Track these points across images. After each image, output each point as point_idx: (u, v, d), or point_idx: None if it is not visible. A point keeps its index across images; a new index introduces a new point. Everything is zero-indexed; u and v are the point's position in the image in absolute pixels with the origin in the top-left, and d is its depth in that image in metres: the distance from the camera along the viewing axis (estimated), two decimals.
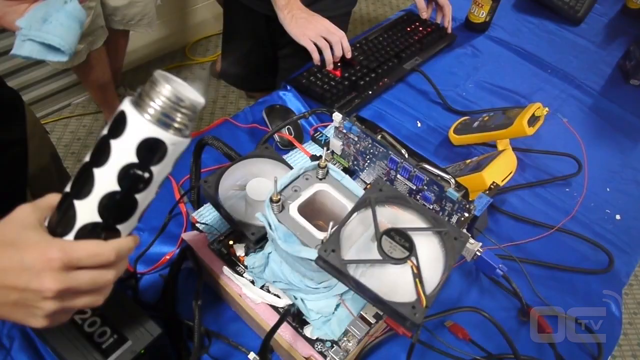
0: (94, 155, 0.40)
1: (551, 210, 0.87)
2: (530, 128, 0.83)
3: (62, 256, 0.39)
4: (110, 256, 0.41)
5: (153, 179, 0.41)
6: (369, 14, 2.71)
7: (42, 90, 1.83)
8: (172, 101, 0.38)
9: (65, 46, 0.57)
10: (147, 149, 0.39)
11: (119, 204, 0.41)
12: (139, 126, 0.39)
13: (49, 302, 0.39)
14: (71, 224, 0.41)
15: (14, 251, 0.39)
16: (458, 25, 1.27)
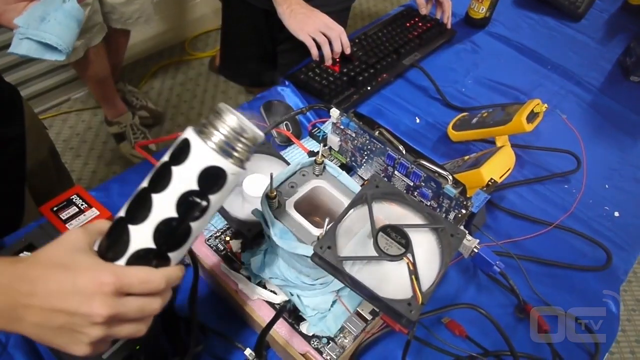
0: (153, 181, 0.41)
1: (549, 207, 0.87)
2: (529, 124, 0.82)
3: (114, 281, 0.38)
4: (160, 284, 0.41)
5: (209, 208, 0.41)
6: (369, 9, 2.69)
7: (41, 85, 1.83)
8: (236, 132, 0.39)
9: (63, 45, 0.57)
10: (209, 177, 0.40)
11: (175, 231, 0.41)
12: (203, 154, 0.39)
13: (96, 328, 0.38)
14: (124, 249, 0.40)
15: (66, 274, 0.38)
16: (458, 20, 1.26)
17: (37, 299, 0.37)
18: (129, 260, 0.41)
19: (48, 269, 0.39)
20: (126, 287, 0.39)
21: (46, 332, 0.38)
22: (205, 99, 2.11)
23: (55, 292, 0.38)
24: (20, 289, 0.38)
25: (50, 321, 0.38)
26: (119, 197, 0.79)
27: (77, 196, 0.75)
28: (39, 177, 0.96)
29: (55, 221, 0.72)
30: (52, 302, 0.37)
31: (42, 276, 0.38)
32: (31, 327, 0.38)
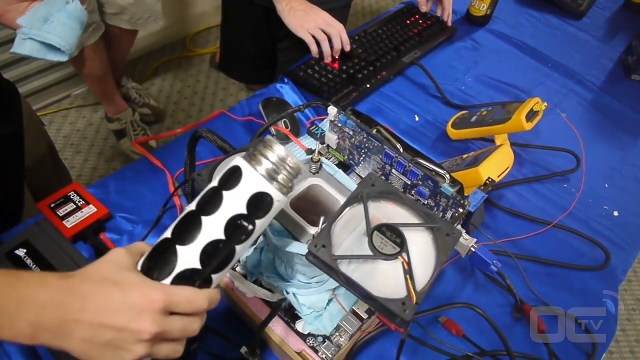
0: (204, 204, 0.43)
1: (548, 206, 0.86)
2: (528, 123, 0.82)
3: (163, 298, 0.39)
4: (204, 304, 0.42)
5: (254, 232, 0.44)
6: (370, 6, 2.69)
7: (42, 81, 1.83)
8: (283, 161, 0.43)
9: (66, 46, 0.57)
10: (257, 202, 0.43)
11: (220, 252, 0.42)
12: (254, 180, 0.42)
13: (141, 345, 0.39)
14: (170, 269, 0.42)
15: (116, 289, 0.39)
16: (459, 18, 1.26)
17: (87, 313, 0.38)
18: (174, 280, 0.42)
19: (99, 284, 0.40)
20: (174, 305, 0.40)
21: (92, 348, 0.38)
22: (206, 95, 2.10)
23: (105, 307, 0.38)
24: (71, 304, 0.38)
25: (98, 336, 0.38)
26: (116, 193, 0.79)
27: (74, 193, 0.76)
28: (38, 174, 0.96)
29: (53, 218, 0.72)
30: (102, 317, 0.38)
31: (93, 291, 0.39)
32: (78, 342, 0.38)
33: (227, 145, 0.73)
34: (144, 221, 0.76)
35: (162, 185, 0.80)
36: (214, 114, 0.93)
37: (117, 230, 0.75)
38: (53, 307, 0.38)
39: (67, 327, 0.38)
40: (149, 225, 0.75)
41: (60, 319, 0.38)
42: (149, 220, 0.76)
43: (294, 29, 0.97)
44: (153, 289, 0.40)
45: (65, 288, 0.39)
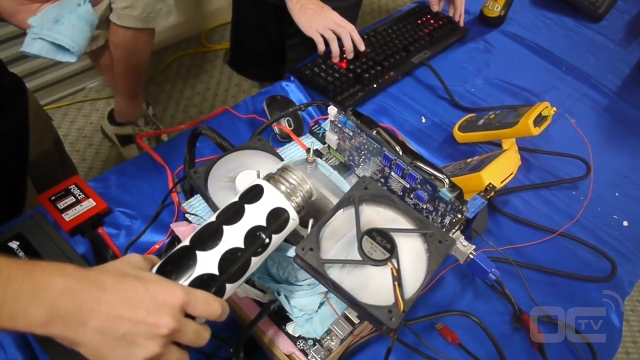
0: (225, 215, 0.47)
1: (555, 213, 0.84)
2: (536, 128, 0.80)
3: (184, 294, 0.39)
4: (218, 310, 0.42)
5: (269, 247, 0.47)
6: (387, 5, 2.66)
7: (57, 74, 1.85)
8: (300, 184, 0.49)
9: (75, 47, 0.57)
10: (276, 217, 0.47)
11: (238, 261, 0.45)
12: (274, 196, 0.48)
13: (156, 342, 0.38)
14: (188, 273, 0.43)
15: (137, 282, 0.39)
16: (472, 18, 1.23)
17: (105, 303, 0.38)
18: (191, 284, 0.43)
19: (119, 277, 0.40)
20: (192, 303, 0.40)
21: (105, 341, 0.38)
22: (218, 91, 2.11)
23: (125, 298, 0.38)
24: (89, 293, 0.38)
25: (113, 328, 0.37)
26: (116, 188, 0.79)
27: (75, 186, 0.76)
28: (43, 168, 0.97)
29: (52, 210, 0.72)
30: (121, 308, 0.38)
31: (113, 283, 0.39)
32: (92, 334, 0.37)
33: (226, 143, 0.72)
34: (143, 217, 0.76)
35: (163, 181, 0.80)
36: (218, 110, 0.92)
37: (115, 225, 0.75)
38: (70, 295, 0.37)
39: (83, 316, 0.37)
40: (148, 221, 0.75)
41: (76, 307, 0.37)
42: (148, 216, 0.76)
43: (304, 28, 0.96)
44: (173, 285, 0.40)
45: (84, 277, 0.39)
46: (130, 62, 1.48)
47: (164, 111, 1.99)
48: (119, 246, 0.72)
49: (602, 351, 0.69)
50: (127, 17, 1.37)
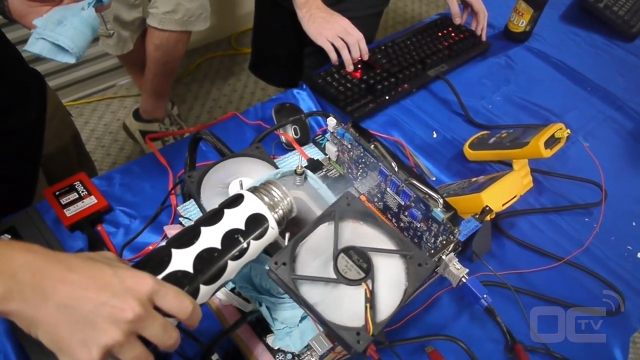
0: (205, 218, 0.47)
1: (564, 240, 0.81)
2: (548, 150, 0.76)
3: (154, 283, 0.38)
4: (189, 307, 0.40)
5: (246, 254, 0.47)
6: (417, 16, 2.63)
7: (89, 70, 1.91)
8: (282, 199, 0.50)
9: (75, 49, 0.59)
10: (255, 222, 0.47)
11: (214, 262, 0.44)
12: (254, 203, 0.48)
13: (118, 328, 0.36)
14: (162, 268, 0.42)
15: (107, 266, 0.38)
16: (496, 33, 1.20)
17: (70, 282, 0.36)
18: (164, 279, 0.42)
19: (88, 260, 0.39)
20: (162, 294, 0.39)
21: (65, 321, 0.36)
22: (244, 94, 2.13)
23: (92, 278, 0.37)
24: (54, 270, 0.36)
25: (75, 307, 0.36)
26: (120, 186, 0.81)
27: (79, 183, 0.77)
28: (58, 162, 0.99)
29: (55, 205, 0.74)
30: (86, 287, 0.36)
31: (81, 264, 0.38)
32: (52, 311, 0.36)
33: (225, 149, 0.72)
34: (142, 217, 0.77)
35: (165, 183, 0.81)
36: (227, 115, 0.93)
37: (115, 223, 0.76)
38: (33, 270, 0.36)
39: (44, 292, 0.35)
40: (147, 221, 0.76)
41: (38, 283, 0.35)
42: (147, 216, 0.76)
43: (313, 37, 0.96)
44: (144, 273, 0.39)
45: (50, 256, 0.37)
46: (166, 63, 1.54)
47: (189, 111, 2.02)
48: (116, 244, 0.73)
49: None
50: (168, 20, 1.44)
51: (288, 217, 0.51)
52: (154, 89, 1.60)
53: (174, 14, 1.39)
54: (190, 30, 1.46)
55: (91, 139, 1.86)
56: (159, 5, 1.40)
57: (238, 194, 0.49)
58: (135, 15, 1.44)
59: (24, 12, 0.60)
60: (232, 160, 0.68)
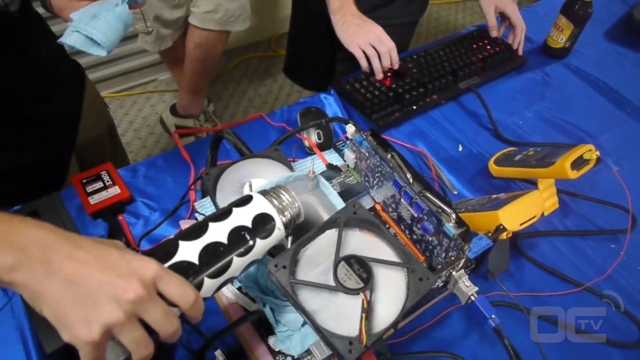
0: (214, 215, 0.48)
1: (586, 265, 0.78)
2: (574, 171, 0.74)
3: (158, 267, 0.39)
4: (192, 295, 0.40)
5: (252, 251, 0.47)
6: (454, 23, 2.59)
7: (131, 64, 1.97)
8: (290, 202, 0.50)
9: (106, 43, 0.61)
10: (262, 222, 0.48)
11: (219, 256, 0.45)
12: (262, 203, 0.49)
13: (119, 307, 0.37)
14: (168, 258, 0.43)
15: (114, 249, 0.39)
16: (534, 48, 1.17)
17: (77, 259, 0.37)
18: (169, 267, 0.43)
19: (97, 242, 0.40)
20: (165, 280, 0.39)
21: (68, 296, 0.36)
22: (280, 95, 2.15)
23: (98, 257, 0.38)
24: (62, 247, 0.37)
25: (79, 284, 0.36)
26: (144, 178, 0.83)
27: (106, 172, 0.80)
28: (92, 152, 1.03)
29: (81, 192, 0.77)
30: (92, 265, 0.37)
31: (90, 244, 0.39)
32: (57, 286, 0.36)
33: (245, 149, 0.73)
34: (162, 210, 0.79)
35: (187, 178, 0.83)
36: (254, 116, 0.94)
37: (135, 214, 0.78)
38: (42, 245, 0.37)
39: (51, 266, 0.36)
40: (166, 214, 0.78)
41: (46, 257, 0.37)
42: (166, 210, 0.78)
43: (346, 43, 0.96)
44: (150, 259, 0.40)
45: (60, 233, 0.38)
46: (205, 61, 1.58)
47: (225, 109, 2.06)
48: (134, 235, 0.76)
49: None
50: (208, 20, 1.47)
51: (296, 222, 0.51)
52: (191, 86, 1.64)
53: (214, 13, 1.43)
54: (229, 30, 1.49)
55: (129, 131, 1.92)
56: (200, 5, 1.44)
57: (247, 195, 0.50)
58: (178, 15, 1.48)
59: (64, 5, 0.63)
60: (250, 160, 0.69)
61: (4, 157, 0.77)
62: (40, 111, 0.82)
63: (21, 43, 0.74)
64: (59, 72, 0.87)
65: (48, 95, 0.82)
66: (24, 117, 0.79)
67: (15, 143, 0.79)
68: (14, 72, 0.73)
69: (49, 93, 0.82)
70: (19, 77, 0.74)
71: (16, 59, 0.73)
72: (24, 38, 0.75)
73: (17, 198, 0.74)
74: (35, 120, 0.81)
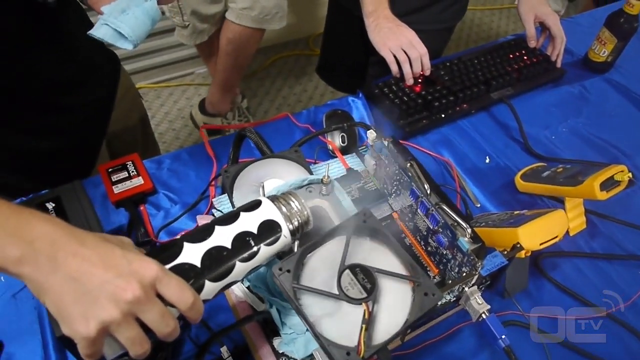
0: (222, 218, 0.48)
1: (610, 290, 0.74)
2: (603, 192, 0.71)
3: (159, 269, 0.40)
4: (190, 298, 0.41)
5: (256, 257, 0.47)
6: (496, 30, 2.53)
7: (170, 56, 2.02)
8: (299, 209, 0.50)
9: (133, 37, 0.62)
10: (268, 228, 0.48)
11: (222, 261, 0.45)
12: (270, 210, 0.49)
13: (117, 307, 0.38)
14: (171, 259, 0.44)
15: (118, 248, 0.40)
16: (574, 60, 1.13)
17: (81, 257, 0.38)
18: (171, 269, 0.43)
19: (102, 240, 0.41)
20: (165, 282, 0.40)
21: (70, 292, 0.38)
22: (314, 95, 2.15)
23: (101, 256, 0.39)
24: (69, 243, 0.39)
25: (82, 281, 0.38)
26: (168, 171, 0.85)
27: (131, 163, 0.82)
28: (123, 141, 1.06)
29: (106, 181, 0.79)
30: (95, 264, 0.38)
31: (95, 242, 0.40)
32: (60, 281, 0.38)
33: (266, 148, 0.74)
34: (183, 203, 0.80)
35: (209, 174, 0.84)
36: (280, 115, 0.94)
37: (157, 205, 0.80)
38: (50, 240, 0.38)
39: (56, 262, 0.38)
40: (186, 207, 0.79)
41: (52, 253, 0.38)
42: (187, 203, 0.80)
43: (377, 46, 0.95)
44: (151, 260, 0.41)
45: (68, 230, 0.40)
46: (238, 57, 1.59)
47: (259, 106, 2.08)
48: (154, 226, 0.77)
49: None
50: (244, 16, 1.49)
51: (304, 229, 0.51)
52: (222, 82, 1.66)
53: (251, 10, 1.44)
54: (264, 28, 1.50)
55: (164, 122, 1.96)
56: (237, 0, 1.46)
57: (257, 200, 0.50)
58: (215, 10, 1.50)
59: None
60: (269, 160, 0.69)
61: (34, 141, 0.80)
62: (72, 99, 0.84)
63: (58, 32, 0.76)
64: (93, 62, 0.89)
65: (81, 84, 0.85)
66: (56, 104, 0.81)
67: (46, 129, 0.81)
68: (50, 61, 0.75)
69: (82, 82, 0.85)
70: (54, 65, 0.77)
71: (52, 47, 0.75)
72: (61, 28, 0.77)
73: (45, 182, 0.77)
74: (67, 108, 0.83)
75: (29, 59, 0.72)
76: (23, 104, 0.77)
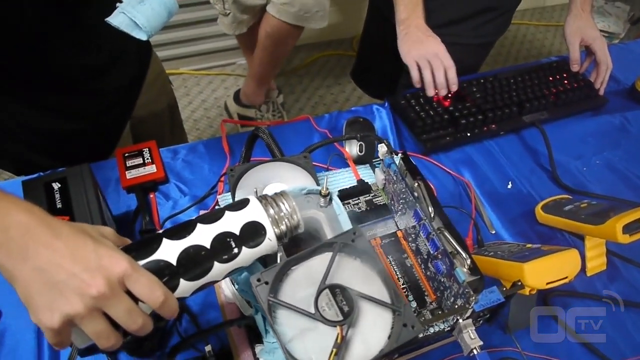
0: (205, 216, 0.47)
1: (623, 340, 0.70)
2: (625, 236, 0.66)
3: (128, 267, 0.39)
4: (160, 297, 0.41)
5: (236, 259, 0.46)
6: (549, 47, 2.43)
7: (213, 45, 2.04)
8: (290, 214, 0.48)
9: (147, 28, 0.63)
10: (251, 230, 0.47)
11: (200, 260, 0.44)
12: (256, 211, 0.47)
13: (81, 301, 0.38)
14: (147, 254, 0.43)
15: (90, 241, 0.41)
16: (620, 89, 1.07)
17: (52, 249, 0.39)
18: (147, 265, 0.43)
19: (78, 231, 0.41)
20: (133, 278, 0.40)
21: (38, 282, 0.38)
22: (351, 97, 2.13)
23: (72, 249, 0.39)
24: (42, 235, 0.39)
25: (49, 273, 0.38)
26: (182, 162, 0.85)
27: (147, 150, 0.83)
28: (149, 127, 1.07)
29: (121, 165, 0.80)
30: (64, 257, 0.39)
31: (69, 234, 0.40)
32: (29, 271, 0.38)
33: (276, 150, 0.73)
34: (192, 195, 0.81)
35: (222, 168, 0.84)
36: (301, 117, 0.93)
37: (166, 195, 0.81)
38: (24, 230, 0.39)
39: (27, 252, 0.38)
40: (195, 200, 0.79)
41: (25, 243, 0.38)
42: (196, 196, 0.80)
43: (402, 54, 0.92)
44: (122, 256, 0.40)
45: (44, 220, 0.40)
46: (274, 52, 1.59)
47: (295, 102, 2.08)
48: (161, 215, 0.78)
49: None
50: (284, 12, 1.47)
51: (292, 233, 0.49)
52: (257, 74, 1.66)
53: (290, 6, 1.42)
54: (303, 25, 1.48)
55: (200, 109, 1.99)
56: None
57: (244, 199, 0.48)
58: (256, 2, 1.50)
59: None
60: (277, 163, 0.68)
61: (57, 122, 0.82)
62: (100, 84, 0.86)
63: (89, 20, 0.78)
64: (123, 49, 0.91)
65: (109, 70, 0.86)
66: (82, 88, 0.83)
67: (71, 111, 0.83)
68: (76, 46, 0.77)
69: (110, 68, 0.86)
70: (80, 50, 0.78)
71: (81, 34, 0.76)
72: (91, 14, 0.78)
73: (65, 161, 0.79)
74: (94, 92, 0.85)
75: (54, 44, 0.73)
76: (49, 86, 0.78)
